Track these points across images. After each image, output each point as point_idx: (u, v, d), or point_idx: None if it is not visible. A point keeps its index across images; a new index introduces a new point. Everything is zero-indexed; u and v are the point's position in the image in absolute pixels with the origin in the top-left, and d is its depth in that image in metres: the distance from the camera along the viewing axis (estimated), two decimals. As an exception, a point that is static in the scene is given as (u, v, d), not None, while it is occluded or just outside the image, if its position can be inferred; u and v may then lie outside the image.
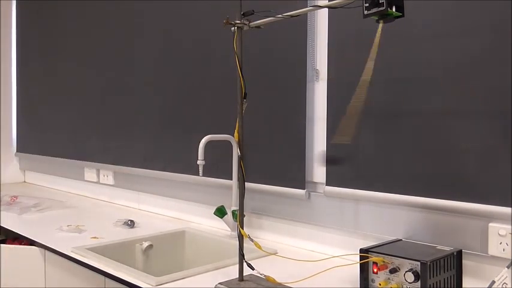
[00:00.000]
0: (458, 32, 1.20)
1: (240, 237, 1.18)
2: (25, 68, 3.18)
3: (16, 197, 2.43)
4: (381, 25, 1.09)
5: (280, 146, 1.62)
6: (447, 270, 1.12)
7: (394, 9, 0.94)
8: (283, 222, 1.64)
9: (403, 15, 0.96)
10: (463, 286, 1.18)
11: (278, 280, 1.16)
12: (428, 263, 1.05)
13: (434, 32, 1.24)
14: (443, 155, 1.23)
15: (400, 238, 1.32)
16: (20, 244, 1.78)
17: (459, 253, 1.17)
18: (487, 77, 1.16)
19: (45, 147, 2.97)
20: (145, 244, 1.64)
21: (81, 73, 2.65)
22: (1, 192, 2.55)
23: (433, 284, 1.07)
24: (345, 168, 1.44)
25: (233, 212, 1.69)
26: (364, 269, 1.16)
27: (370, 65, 1.09)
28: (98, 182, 2.55)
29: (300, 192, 1.56)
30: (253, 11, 1.13)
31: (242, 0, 1.15)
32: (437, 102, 1.24)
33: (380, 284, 1.12)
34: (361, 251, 1.16)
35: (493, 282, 1.07)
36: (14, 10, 3.28)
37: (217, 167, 1.75)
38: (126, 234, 1.76)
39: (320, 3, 1.33)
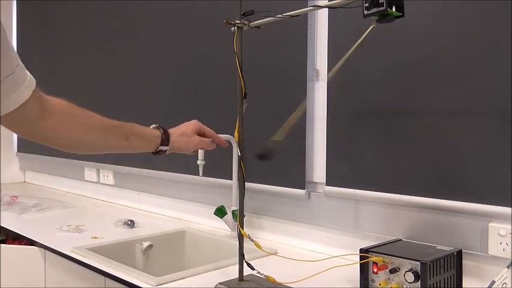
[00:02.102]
0: (458, 31, 1.20)
1: (240, 237, 1.17)
2: (25, 68, 3.18)
3: (16, 197, 2.43)
4: (371, 27, 1.10)
5: (280, 146, 1.61)
6: (447, 270, 1.12)
7: (394, 9, 0.94)
8: (283, 222, 1.64)
9: (403, 15, 0.96)
10: (463, 286, 1.18)
11: (278, 280, 1.16)
12: (428, 263, 1.05)
13: (434, 32, 1.24)
14: (443, 155, 1.23)
15: (400, 238, 1.32)
16: (20, 244, 1.78)
17: (459, 253, 1.17)
18: (487, 77, 1.16)
19: (45, 147, 2.96)
20: (145, 244, 1.64)
21: (81, 73, 2.65)
22: (1, 192, 2.55)
23: (433, 284, 1.07)
24: (345, 168, 1.44)
25: (233, 212, 1.69)
26: (364, 269, 1.16)
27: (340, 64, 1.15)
28: (98, 182, 2.55)
29: (300, 192, 1.56)
30: (253, 11, 1.13)
31: (242, 0, 1.15)
32: (437, 102, 1.24)
33: (380, 284, 1.12)
34: (361, 251, 1.16)
35: (493, 282, 1.07)
36: (14, 10, 3.28)
37: (217, 167, 1.75)
38: (126, 234, 1.76)
39: (320, 3, 1.33)
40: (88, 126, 1.08)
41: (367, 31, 1.16)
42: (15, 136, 3.21)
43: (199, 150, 1.55)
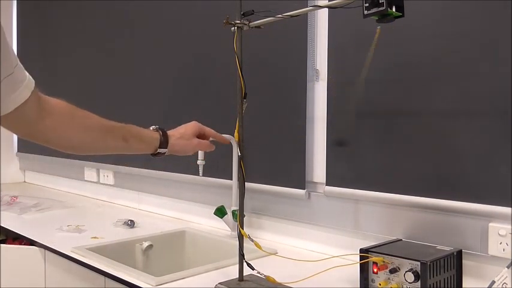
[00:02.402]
0: (458, 31, 1.20)
1: (240, 237, 1.17)
2: (25, 68, 3.17)
3: (16, 197, 2.43)
4: (378, 31, 1.10)
5: (280, 146, 1.62)
6: (447, 270, 1.12)
7: (394, 9, 0.94)
8: (283, 222, 1.64)
9: (403, 15, 0.96)
10: (463, 286, 1.18)
11: (278, 280, 1.16)
12: (428, 263, 1.05)
13: (434, 32, 1.24)
14: (443, 155, 1.23)
15: (400, 238, 1.32)
16: (20, 244, 1.78)
17: (459, 253, 1.17)
18: (487, 77, 1.16)
19: (46, 147, 2.95)
20: (145, 244, 1.64)
21: (81, 73, 2.65)
22: (1, 192, 2.55)
23: (433, 284, 1.07)
24: (345, 168, 1.44)
25: (233, 212, 1.69)
26: (364, 269, 1.16)
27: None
28: (98, 182, 2.55)
29: (300, 192, 1.56)
30: (253, 11, 1.13)
31: (242, 0, 1.15)
32: (437, 102, 1.24)
33: (380, 284, 1.12)
34: (361, 251, 1.16)
35: (493, 282, 1.07)
36: (14, 10, 3.28)
37: (217, 167, 1.75)
38: (126, 234, 1.76)
39: (320, 3, 1.33)
40: (87, 127, 1.08)
41: (377, 35, 1.16)
42: (15, 136, 3.21)
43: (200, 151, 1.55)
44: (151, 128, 1.21)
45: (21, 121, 0.96)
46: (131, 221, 1.89)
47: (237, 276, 1.20)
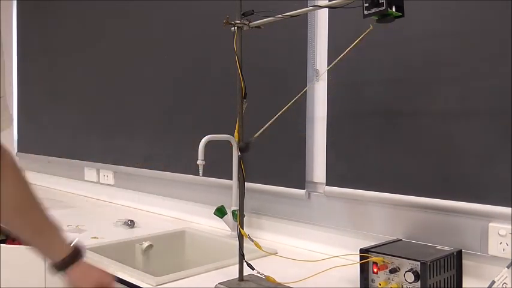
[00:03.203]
0: (458, 31, 1.20)
1: (240, 237, 1.18)
2: (25, 68, 3.18)
3: (16, 197, 2.43)
4: (370, 29, 1.10)
5: (280, 146, 1.62)
6: (447, 270, 1.12)
7: (394, 9, 0.94)
8: (283, 222, 1.64)
9: (403, 15, 0.96)
10: (463, 286, 1.18)
11: (278, 280, 1.16)
12: (428, 263, 1.05)
13: (434, 32, 1.24)
14: (443, 155, 1.23)
15: (400, 238, 1.32)
16: (20, 244, 1.78)
17: (459, 253, 1.17)
18: (487, 77, 1.16)
19: (46, 148, 2.97)
20: (145, 244, 1.64)
21: (82, 73, 2.65)
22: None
23: (433, 284, 1.07)
24: (345, 168, 1.44)
25: (233, 212, 1.69)
26: (364, 269, 1.16)
27: None
28: (98, 182, 2.55)
29: (300, 192, 1.56)
30: (253, 11, 1.13)
31: (242, 0, 1.15)
32: (438, 102, 1.24)
33: (380, 284, 1.12)
34: (361, 251, 1.16)
35: (493, 282, 1.07)
36: (14, 10, 3.28)
37: (217, 167, 1.75)
38: (126, 234, 1.76)
39: (320, 3, 1.33)
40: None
41: (365, 33, 1.16)
42: (15, 136, 3.21)
43: (200, 150, 1.54)
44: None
45: None
46: (131, 221, 1.89)
47: (237, 276, 1.20)
